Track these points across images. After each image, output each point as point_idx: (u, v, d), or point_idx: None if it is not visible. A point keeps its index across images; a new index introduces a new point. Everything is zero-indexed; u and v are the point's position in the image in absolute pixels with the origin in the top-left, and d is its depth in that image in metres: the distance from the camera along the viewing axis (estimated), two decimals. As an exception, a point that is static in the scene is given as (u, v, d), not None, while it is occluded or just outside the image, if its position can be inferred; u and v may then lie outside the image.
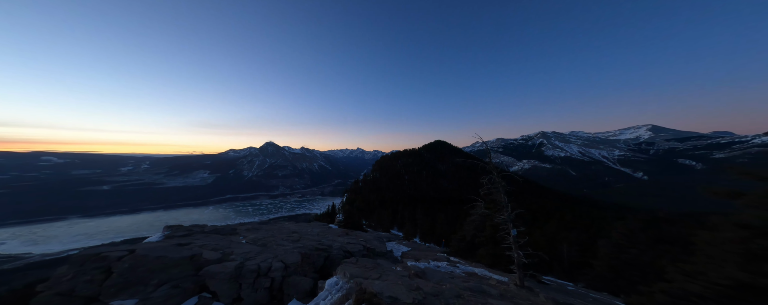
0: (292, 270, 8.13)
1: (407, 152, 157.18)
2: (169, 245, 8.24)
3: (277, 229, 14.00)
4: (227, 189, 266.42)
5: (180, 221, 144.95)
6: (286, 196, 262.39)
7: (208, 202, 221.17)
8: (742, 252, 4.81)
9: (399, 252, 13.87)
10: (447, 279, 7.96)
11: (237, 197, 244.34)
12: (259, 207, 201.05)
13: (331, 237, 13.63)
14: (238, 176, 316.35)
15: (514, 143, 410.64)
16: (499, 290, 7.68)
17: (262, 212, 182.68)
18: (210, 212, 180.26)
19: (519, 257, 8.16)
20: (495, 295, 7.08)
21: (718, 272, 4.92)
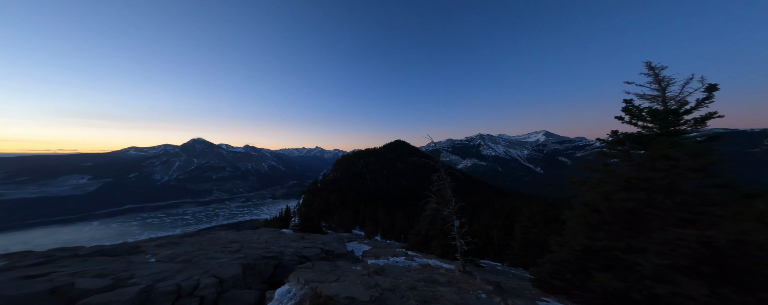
0: (231, 284, 6.82)
1: (369, 152, 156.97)
2: (5, 280, 5.63)
3: (208, 241, 11.72)
4: (125, 198, 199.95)
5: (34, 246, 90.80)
6: (224, 201, 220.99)
7: (90, 216, 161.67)
8: (585, 223, 6.28)
9: (360, 252, 13.52)
10: (404, 273, 8.06)
11: (144, 208, 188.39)
12: (182, 217, 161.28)
13: (284, 242, 12.26)
14: (146, 181, 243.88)
15: (460, 143, 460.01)
16: (447, 277, 8.20)
17: (187, 222, 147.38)
18: (93, 230, 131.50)
19: (461, 245, 8.86)
20: (443, 282, 7.49)
21: (575, 240, 6.29)
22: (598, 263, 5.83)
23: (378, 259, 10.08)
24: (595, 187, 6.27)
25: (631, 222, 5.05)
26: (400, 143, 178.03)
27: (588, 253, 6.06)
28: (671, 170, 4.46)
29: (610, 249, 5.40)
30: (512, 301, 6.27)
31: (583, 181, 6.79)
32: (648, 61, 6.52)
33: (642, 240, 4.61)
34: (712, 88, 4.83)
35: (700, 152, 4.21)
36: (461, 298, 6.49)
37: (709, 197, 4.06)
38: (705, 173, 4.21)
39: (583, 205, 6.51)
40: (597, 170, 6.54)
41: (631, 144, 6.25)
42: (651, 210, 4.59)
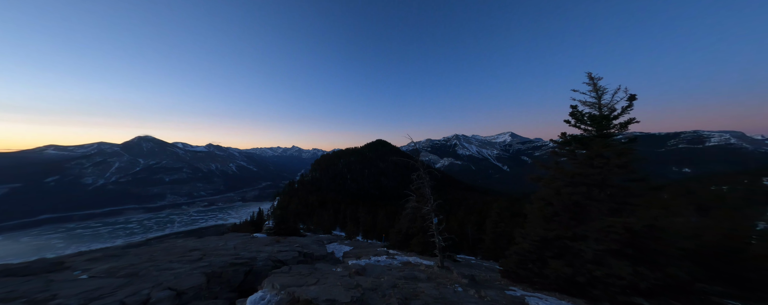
0: (192, 295, 6.23)
1: (350, 151, 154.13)
2: None
3: (161, 250, 10.33)
4: (42, 206, 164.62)
5: None
6: (181, 206, 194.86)
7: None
8: (541, 216, 7.07)
9: (341, 253, 13.35)
10: (386, 271, 8.22)
11: (69, 217, 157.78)
12: (125, 226, 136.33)
13: (256, 247, 11.58)
14: (72, 185, 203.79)
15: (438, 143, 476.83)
16: (427, 273, 8.55)
17: (131, 232, 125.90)
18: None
19: (439, 242, 9.27)
20: (423, 279, 7.82)
21: (534, 231, 7.02)
22: (552, 251, 6.55)
23: (359, 259, 10.12)
24: (548, 183, 7.08)
25: (575, 213, 5.86)
26: (381, 143, 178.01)
27: (544, 243, 6.76)
28: (604, 167, 5.31)
29: (560, 237, 6.15)
30: (485, 292, 6.74)
31: (539, 178, 7.60)
32: (589, 72, 7.56)
33: (584, 229, 5.38)
34: (632, 97, 5.84)
35: (624, 152, 5.10)
36: (440, 293, 6.84)
37: (630, 189, 4.94)
38: (627, 170, 5.11)
39: (540, 199, 7.30)
40: (550, 168, 7.39)
41: (576, 145, 7.15)
42: (590, 202, 5.40)
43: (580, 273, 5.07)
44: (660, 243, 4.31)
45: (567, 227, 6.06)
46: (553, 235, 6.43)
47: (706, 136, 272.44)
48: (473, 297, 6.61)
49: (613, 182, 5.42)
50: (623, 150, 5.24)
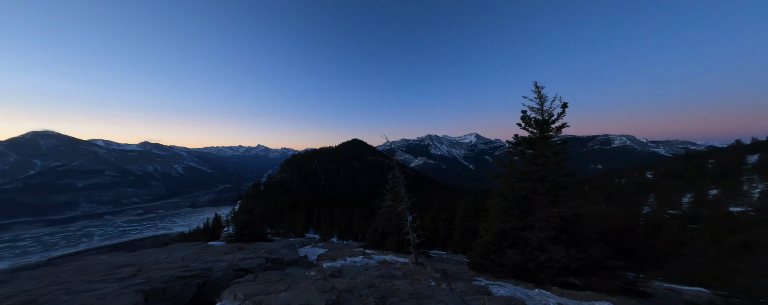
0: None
1: (324, 151, 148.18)
2: None
3: (75, 269, 8.37)
4: None
5: None
6: (104, 216, 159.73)
7: None
8: (499, 210, 7.88)
9: (314, 256, 12.96)
10: (362, 272, 8.32)
11: None
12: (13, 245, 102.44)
13: (212, 257, 10.43)
14: None
15: (413, 142, 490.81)
16: (403, 271, 8.85)
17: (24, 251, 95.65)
18: None
19: (414, 239, 9.64)
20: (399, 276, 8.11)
21: (494, 224, 7.80)
22: (508, 241, 7.34)
23: (334, 261, 10.02)
24: (504, 180, 7.94)
25: (525, 206, 6.73)
26: (357, 142, 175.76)
27: (502, 234, 7.53)
28: (544, 165, 6.23)
29: (514, 229, 6.96)
30: (455, 285, 7.21)
31: (497, 175, 8.48)
32: (535, 81, 8.69)
33: (531, 220, 6.24)
34: (565, 105, 6.95)
35: (558, 152, 6.07)
36: (415, 289, 7.16)
37: (562, 183, 5.91)
38: (560, 167, 6.09)
39: (498, 195, 8.09)
40: (505, 166, 8.29)
41: (525, 146, 8.12)
42: (534, 196, 6.28)
43: (529, 259, 5.86)
44: (583, 228, 5.29)
45: (519, 219, 6.91)
46: (508, 227, 7.22)
47: (611, 139, 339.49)
48: (445, 290, 7.05)
49: (551, 178, 6.40)
50: (558, 150, 6.24)
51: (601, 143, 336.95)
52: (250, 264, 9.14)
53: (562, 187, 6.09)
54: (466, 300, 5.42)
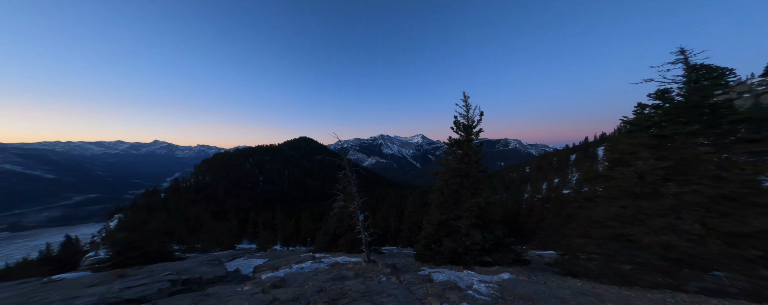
0: None
1: (263, 149, 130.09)
2: None
3: None
4: None
5: None
6: None
7: None
8: (438, 204, 8.88)
9: (250, 268, 11.58)
10: (311, 277, 8.02)
11: None
12: None
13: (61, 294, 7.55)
14: None
15: (366, 142, 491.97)
16: (355, 270, 8.94)
17: None
18: None
19: (365, 237, 9.84)
20: (351, 276, 8.19)
21: (433, 217, 8.71)
22: (445, 231, 8.29)
23: (277, 271, 9.28)
24: (441, 176, 8.92)
25: (456, 199, 7.89)
26: (306, 140, 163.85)
27: (440, 225, 8.43)
28: (468, 163, 7.48)
29: (448, 219, 8.01)
30: (403, 277, 7.69)
31: (436, 172, 9.40)
32: (464, 91, 10.16)
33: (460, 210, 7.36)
34: (482, 114, 8.48)
35: (477, 152, 7.41)
36: (367, 287, 7.34)
37: (480, 178, 7.26)
38: (479, 164, 7.45)
39: (436, 190, 9.01)
40: (442, 165, 9.38)
41: (456, 147, 9.49)
42: (462, 189, 7.45)
43: (459, 245, 6.90)
44: (492, 214, 6.64)
45: (452, 211, 8.01)
46: (444, 218, 8.20)
47: (508, 142, 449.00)
48: (395, 283, 7.47)
49: (473, 174, 7.72)
50: (477, 150, 7.59)
51: (503, 145, 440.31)
52: (145, 292, 6.94)
53: (480, 181, 7.45)
54: (413, 290, 5.86)
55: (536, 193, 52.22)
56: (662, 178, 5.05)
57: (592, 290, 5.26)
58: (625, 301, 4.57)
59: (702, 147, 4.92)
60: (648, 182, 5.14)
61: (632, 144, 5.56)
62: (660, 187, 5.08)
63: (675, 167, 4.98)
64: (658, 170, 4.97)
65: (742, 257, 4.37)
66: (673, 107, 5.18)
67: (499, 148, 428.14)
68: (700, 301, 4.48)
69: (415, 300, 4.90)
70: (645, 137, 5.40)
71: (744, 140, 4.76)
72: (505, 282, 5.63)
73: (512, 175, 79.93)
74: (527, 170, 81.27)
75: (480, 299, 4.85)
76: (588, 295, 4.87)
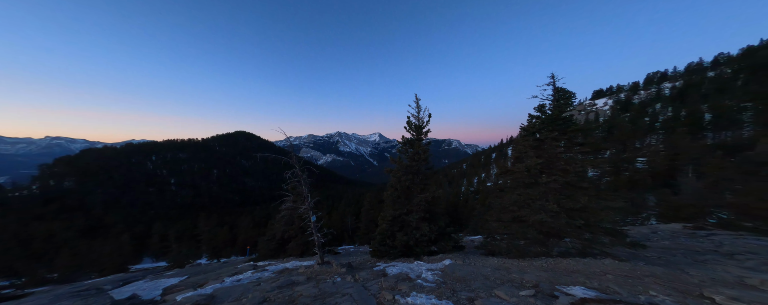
0: None
1: (176, 145, 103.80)
2: None
3: None
4: None
5: None
6: None
7: None
8: (391, 200, 9.16)
9: (157, 291, 9.43)
10: (251, 289, 7.21)
11: None
12: None
13: None
14: None
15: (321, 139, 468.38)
16: (307, 274, 8.42)
17: None
18: None
19: (318, 239, 9.43)
20: (302, 281, 7.68)
21: (388, 213, 8.98)
22: (398, 226, 8.60)
23: (202, 288, 7.97)
24: (394, 174, 9.15)
25: (407, 195, 8.32)
26: (245, 136, 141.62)
27: (394, 221, 8.69)
28: (418, 161, 7.98)
29: (401, 214, 8.37)
30: (359, 275, 7.60)
31: (390, 170, 9.57)
32: (415, 93, 10.66)
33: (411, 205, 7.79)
34: (430, 115, 9.15)
35: (426, 150, 7.98)
36: (319, 290, 6.99)
37: (427, 175, 7.86)
38: (427, 162, 8.04)
39: (390, 187, 9.20)
40: (396, 162, 9.68)
41: (408, 145, 9.93)
42: (413, 185, 7.90)
43: (410, 238, 7.31)
44: (437, 207, 7.30)
45: (404, 206, 8.40)
46: (397, 213, 8.51)
47: (451, 142, 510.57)
48: (350, 282, 7.32)
49: (422, 171, 8.27)
50: (425, 149, 8.17)
51: (447, 145, 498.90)
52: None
53: (427, 177, 8.04)
54: (367, 287, 5.87)
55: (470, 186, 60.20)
56: (539, 171, 6.67)
57: (503, 265, 6.32)
58: (523, 270, 5.70)
59: (558, 148, 6.77)
60: (532, 174, 6.71)
61: (524, 146, 7.21)
62: (538, 178, 6.67)
63: (545, 163, 6.69)
64: (537, 166, 6.60)
65: (575, 225, 6.15)
66: (545, 118, 6.99)
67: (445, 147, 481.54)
68: (558, 262, 6.06)
69: (370, 296, 4.93)
70: (531, 140, 7.08)
71: (578, 144, 6.77)
72: (447, 268, 6.21)
73: (453, 171, 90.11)
74: (464, 166, 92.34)
75: (427, 286, 5.22)
76: (501, 270, 5.83)
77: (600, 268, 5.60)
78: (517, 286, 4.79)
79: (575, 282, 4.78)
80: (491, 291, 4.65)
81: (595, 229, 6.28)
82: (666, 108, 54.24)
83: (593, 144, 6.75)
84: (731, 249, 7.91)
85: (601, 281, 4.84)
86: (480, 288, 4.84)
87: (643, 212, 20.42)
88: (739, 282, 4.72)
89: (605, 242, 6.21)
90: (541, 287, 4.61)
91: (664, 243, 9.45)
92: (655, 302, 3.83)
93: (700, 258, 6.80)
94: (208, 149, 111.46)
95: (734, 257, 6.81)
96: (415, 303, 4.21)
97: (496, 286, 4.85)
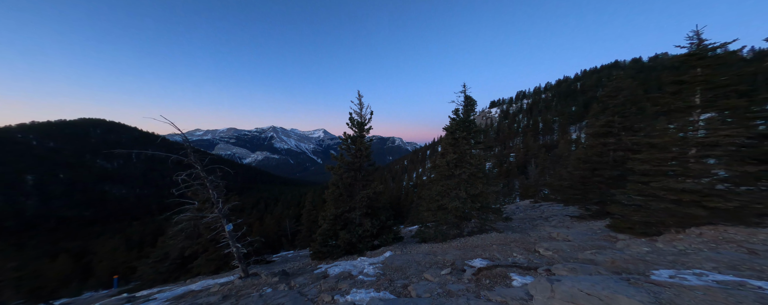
0: None
1: None
2: None
3: None
4: None
5: None
6: None
7: None
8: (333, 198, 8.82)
9: None
10: None
11: None
12: None
13: None
14: None
15: (248, 134, 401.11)
16: (223, 293, 7.00)
17: None
18: None
19: (238, 250, 7.93)
20: (216, 302, 6.32)
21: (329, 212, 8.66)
22: (340, 224, 8.26)
23: None
24: (336, 171, 8.73)
25: (350, 192, 8.05)
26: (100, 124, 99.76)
27: (336, 219, 8.27)
28: (360, 157, 7.81)
29: (344, 212, 8.05)
30: (294, 281, 6.82)
31: (331, 167, 9.08)
32: (358, 90, 10.38)
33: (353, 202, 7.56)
34: (372, 113, 9.14)
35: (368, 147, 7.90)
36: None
37: (369, 171, 7.84)
38: (369, 159, 8.00)
39: (332, 184, 8.71)
40: (338, 160, 9.25)
41: (351, 142, 9.66)
42: (355, 182, 7.69)
43: (353, 235, 7.07)
44: (379, 202, 7.40)
45: (346, 203, 8.10)
46: (340, 212, 8.16)
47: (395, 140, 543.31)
48: (283, 290, 6.43)
49: (364, 167, 8.15)
50: (368, 146, 8.08)
51: (391, 142, 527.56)
52: None
53: (369, 173, 7.98)
54: (304, 292, 5.34)
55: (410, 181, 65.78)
56: (455, 165, 7.85)
57: (432, 250, 7.03)
58: (445, 252, 6.49)
59: (467, 146, 8.10)
60: (451, 167, 7.84)
61: (445, 143, 8.36)
62: (454, 171, 7.85)
63: (459, 158, 7.90)
64: (453, 160, 7.75)
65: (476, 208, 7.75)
66: (458, 120, 8.49)
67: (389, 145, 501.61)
68: (467, 241, 7.29)
69: (307, 302, 4.57)
70: (450, 138, 8.22)
71: (477, 142, 8.92)
72: (387, 260, 6.30)
73: (396, 167, 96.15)
74: (406, 163, 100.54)
75: (367, 280, 5.12)
76: (430, 254, 6.41)
77: (489, 241, 7.01)
78: (440, 267, 5.33)
79: (476, 256, 5.74)
80: (421, 275, 5.02)
81: (486, 210, 7.89)
82: (524, 118, 78.20)
83: (487, 143, 8.49)
84: (548, 214, 11.84)
85: (489, 251, 6.00)
86: (413, 274, 5.15)
87: (512, 193, 28.19)
88: (550, 237, 6.96)
89: (492, 218, 7.93)
90: (456, 264, 5.32)
91: (520, 214, 13.09)
92: (516, 261, 5.11)
93: (535, 223, 9.80)
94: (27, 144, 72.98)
95: (548, 219, 10.08)
96: (354, 300, 4.07)
97: (425, 270, 5.26)
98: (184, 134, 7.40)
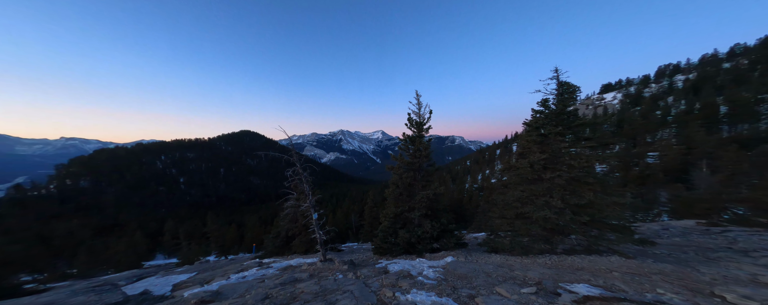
0: None
1: (184, 144, 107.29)
2: None
3: None
4: None
5: None
6: None
7: None
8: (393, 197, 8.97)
9: (168, 286, 9.69)
10: (255, 285, 7.24)
11: None
12: None
13: None
14: None
15: (324, 137, 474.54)
16: (309, 272, 8.44)
17: None
18: None
19: (320, 236, 9.41)
20: (305, 278, 7.69)
21: (390, 210, 8.69)
22: (400, 223, 8.49)
23: (209, 284, 8.09)
24: (396, 171, 8.99)
25: (409, 192, 8.21)
26: (250, 135, 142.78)
27: (396, 218, 8.57)
28: (420, 158, 7.84)
29: (403, 212, 8.25)
30: (360, 272, 7.54)
31: (392, 167, 9.44)
32: (416, 90, 10.49)
33: (413, 202, 7.68)
34: (431, 112, 9.00)
35: (427, 147, 7.83)
36: (321, 287, 6.97)
37: (429, 171, 7.72)
38: (428, 159, 7.89)
39: (392, 184, 9.05)
40: (397, 160, 9.53)
41: (409, 142, 9.77)
42: (415, 182, 7.78)
43: (412, 235, 7.21)
44: (440, 204, 7.17)
45: (406, 203, 8.29)
46: (399, 211, 8.39)
47: (455, 139, 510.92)
48: (351, 279, 7.28)
49: (424, 167, 8.13)
50: (427, 146, 8.02)
51: (451, 141, 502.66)
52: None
53: (429, 174, 7.90)
54: (368, 284, 5.81)
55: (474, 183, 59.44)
56: (543, 167, 6.48)
57: (506, 262, 6.17)
58: (526, 268, 5.52)
59: (563, 143, 6.48)
60: (535, 170, 6.50)
61: (528, 141, 6.93)
62: (542, 174, 6.46)
63: (550, 158, 6.47)
64: (541, 161, 6.40)
65: (580, 222, 5.96)
66: (549, 113, 6.72)
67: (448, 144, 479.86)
68: (563, 260, 5.92)
69: (371, 293, 4.86)
70: (535, 135, 6.80)
71: (585, 138, 6.51)
72: (448, 265, 6.08)
73: (457, 168, 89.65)
74: (468, 163, 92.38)
75: (428, 283, 5.12)
76: (504, 267, 5.66)
77: (606, 265, 5.37)
78: (519, 283, 4.62)
79: (580, 280, 4.59)
80: (492, 288, 4.49)
81: (601, 225, 6.03)
82: (679, 101, 50.63)
83: (600, 139, 6.45)
84: (746, 245, 7.52)
85: (606, 278, 4.64)
86: (481, 285, 4.69)
87: (654, 209, 19.21)
88: (753, 280, 4.45)
89: (612, 238, 5.94)
90: (544, 284, 4.43)
91: (676, 239, 9.07)
92: (662, 300, 3.60)
93: (712, 256, 6.49)
94: (214, 149, 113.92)
95: (749, 254, 6.50)
96: (415, 300, 4.08)
97: (497, 283, 4.69)
98: (290, 139, 9.55)
